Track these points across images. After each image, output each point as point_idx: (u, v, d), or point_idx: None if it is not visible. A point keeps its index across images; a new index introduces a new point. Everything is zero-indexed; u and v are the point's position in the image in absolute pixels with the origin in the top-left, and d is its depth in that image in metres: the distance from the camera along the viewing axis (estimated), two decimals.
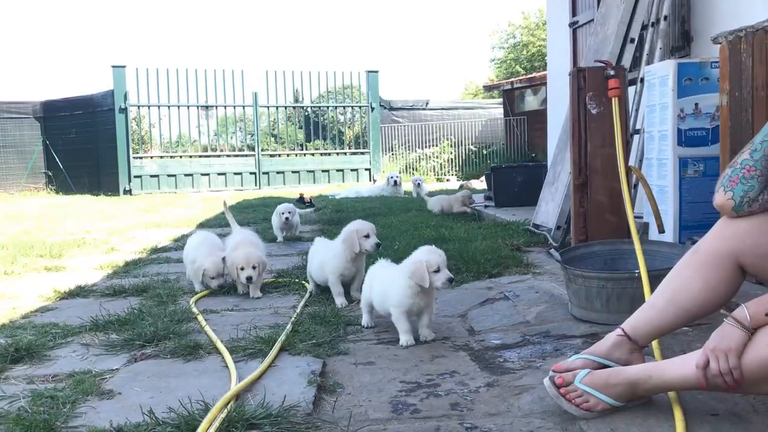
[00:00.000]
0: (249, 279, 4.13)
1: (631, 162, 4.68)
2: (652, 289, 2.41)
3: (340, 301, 3.99)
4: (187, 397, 2.45)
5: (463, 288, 4.28)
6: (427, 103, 22.79)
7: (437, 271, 3.08)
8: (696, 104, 4.29)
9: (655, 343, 2.55)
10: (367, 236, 3.97)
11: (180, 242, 6.87)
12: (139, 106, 16.78)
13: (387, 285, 3.19)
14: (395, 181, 12.46)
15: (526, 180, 8.40)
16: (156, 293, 4.35)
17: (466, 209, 8.36)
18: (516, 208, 7.97)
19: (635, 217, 3.76)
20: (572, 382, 2.25)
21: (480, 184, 15.46)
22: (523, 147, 19.71)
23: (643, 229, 4.49)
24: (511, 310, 3.63)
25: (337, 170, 17.46)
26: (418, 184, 12.14)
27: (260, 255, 4.30)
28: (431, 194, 10.52)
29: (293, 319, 3.52)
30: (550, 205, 5.90)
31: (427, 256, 3.11)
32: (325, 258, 4.11)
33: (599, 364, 2.30)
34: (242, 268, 4.16)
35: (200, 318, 3.68)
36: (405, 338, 3.13)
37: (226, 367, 2.84)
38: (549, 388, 2.27)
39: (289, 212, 6.88)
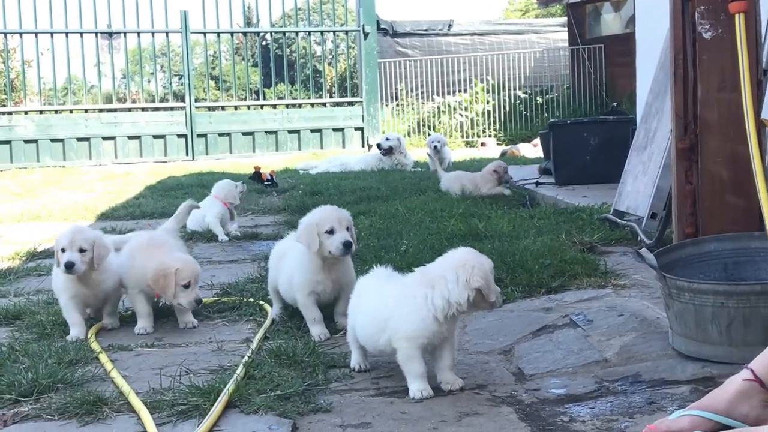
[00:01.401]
0: (69, 267, 4.14)
1: (766, 113, 4.67)
2: None
3: (317, 331, 4.01)
4: None
5: (506, 309, 4.30)
6: (449, 26, 22.73)
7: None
8: None
9: None
10: (331, 231, 3.99)
11: None
12: (5, 34, 16.74)
13: (388, 308, 3.22)
14: (390, 148, 12.45)
15: (604, 143, 8.40)
16: (36, 321, 4.36)
17: (502, 190, 8.41)
18: (588, 187, 7.98)
19: None
20: None
21: (532, 149, 15.47)
22: (599, 92, 19.70)
23: None
24: (580, 343, 3.65)
25: (313, 131, 17.44)
26: (435, 147, 12.16)
27: (95, 233, 4.29)
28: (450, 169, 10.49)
29: (247, 358, 3.53)
30: (641, 182, 5.90)
31: (477, 258, 3.17)
32: (294, 267, 4.14)
33: (716, 423, 2.31)
34: (63, 250, 4.19)
35: (104, 358, 3.68)
36: (418, 387, 3.15)
37: None
38: None
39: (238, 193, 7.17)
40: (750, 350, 3.11)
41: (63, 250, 4.18)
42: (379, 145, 12.61)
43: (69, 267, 4.14)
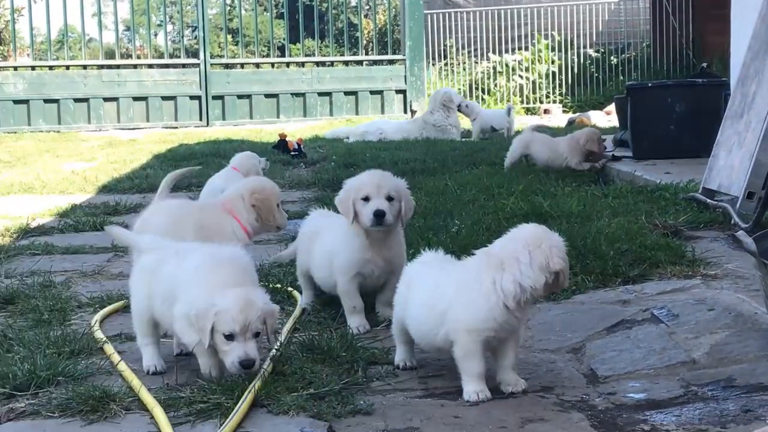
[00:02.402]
0: (246, 366, 3.26)
1: None
2: None
3: (356, 322, 4.04)
4: None
5: (576, 301, 4.30)
6: None
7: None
8: None
9: None
10: (367, 198, 4.03)
11: (72, 217, 6.96)
12: None
13: (447, 297, 3.24)
14: (463, 106, 12.61)
15: (692, 110, 8.33)
16: (32, 306, 4.42)
17: (594, 164, 8.28)
18: (671, 161, 7.93)
19: None
20: None
21: (605, 118, 15.38)
22: (685, 51, 19.50)
23: None
24: (663, 341, 3.64)
25: (347, 93, 17.44)
26: (475, 117, 12.30)
27: (266, 299, 3.43)
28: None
29: (275, 352, 3.56)
30: (736, 156, 5.86)
31: (552, 237, 3.23)
32: (334, 245, 4.19)
33: None
34: (229, 336, 3.28)
35: (109, 349, 3.73)
36: (474, 387, 3.18)
37: None
38: None
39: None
40: None
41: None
42: (463, 105, 12.78)
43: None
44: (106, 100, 16.53)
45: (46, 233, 6.53)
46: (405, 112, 17.22)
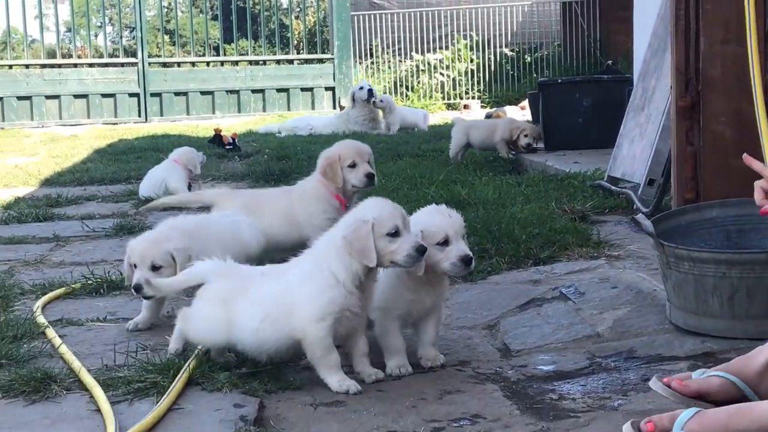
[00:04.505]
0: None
1: None
2: None
3: None
4: None
5: (491, 282, 4.35)
6: None
7: (444, 243, 3.17)
8: None
9: None
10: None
11: (15, 209, 6.86)
12: None
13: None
14: (371, 91, 12.62)
15: (598, 104, 8.44)
16: None
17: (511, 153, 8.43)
18: (580, 152, 8.03)
19: None
20: (670, 430, 2.30)
21: (520, 112, 15.49)
22: (593, 50, 19.74)
23: None
24: (571, 317, 3.70)
25: (279, 90, 17.34)
26: (377, 101, 12.44)
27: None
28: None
29: None
30: (638, 146, 5.95)
31: (427, 219, 3.23)
32: None
33: (739, 390, 2.35)
34: (394, 233, 3.14)
35: (51, 333, 3.69)
36: (396, 362, 3.20)
37: (98, 411, 2.87)
38: None
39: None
40: (754, 323, 3.18)
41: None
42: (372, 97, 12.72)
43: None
44: (48, 97, 16.27)
45: None
46: (334, 107, 17.19)
